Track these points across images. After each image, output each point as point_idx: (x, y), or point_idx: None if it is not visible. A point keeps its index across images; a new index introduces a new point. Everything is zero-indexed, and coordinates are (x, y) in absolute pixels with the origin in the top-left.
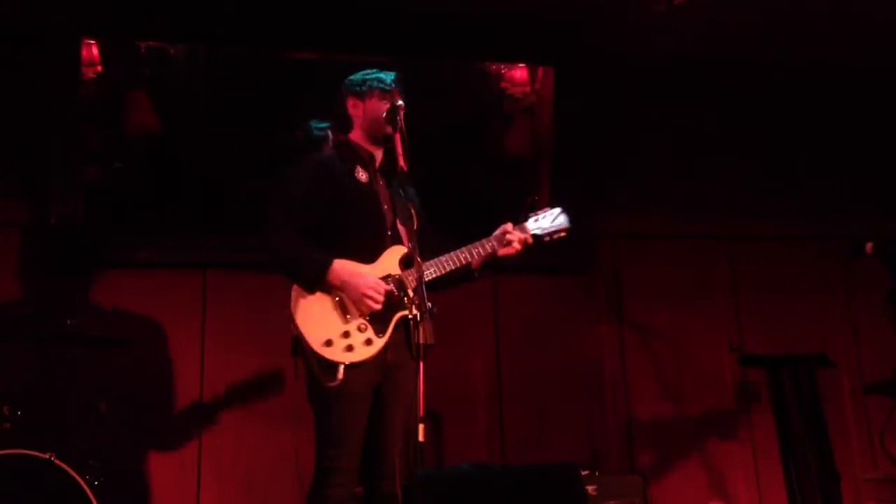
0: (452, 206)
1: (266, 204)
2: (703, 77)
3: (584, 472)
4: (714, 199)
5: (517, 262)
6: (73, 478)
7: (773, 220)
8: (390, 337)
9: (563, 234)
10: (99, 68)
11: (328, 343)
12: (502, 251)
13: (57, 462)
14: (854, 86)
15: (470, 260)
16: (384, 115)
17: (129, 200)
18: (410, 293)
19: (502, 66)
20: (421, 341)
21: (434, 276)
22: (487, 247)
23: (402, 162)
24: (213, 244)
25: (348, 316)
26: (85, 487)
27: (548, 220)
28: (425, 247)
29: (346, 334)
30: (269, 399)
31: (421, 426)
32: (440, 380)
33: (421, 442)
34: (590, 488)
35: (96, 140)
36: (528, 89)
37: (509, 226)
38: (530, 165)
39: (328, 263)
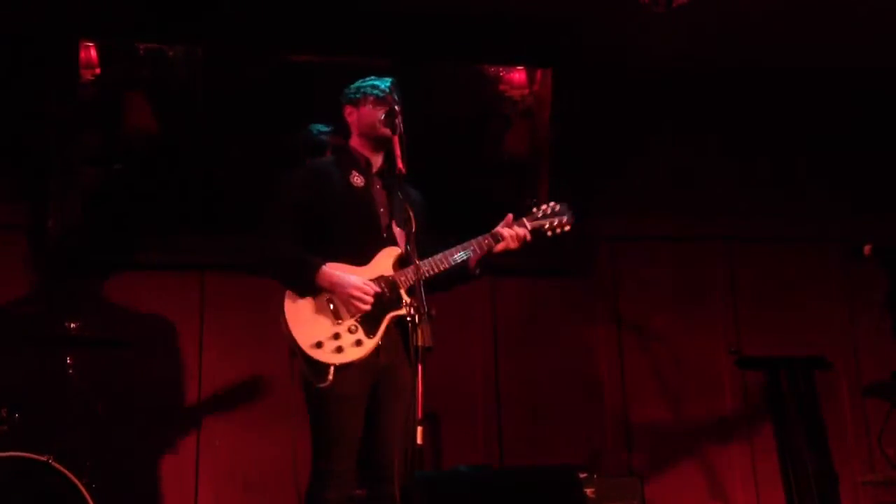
0: (451, 208)
1: (260, 208)
2: (702, 78)
3: (582, 475)
4: (713, 202)
5: (517, 263)
6: (70, 480)
7: (772, 223)
8: (383, 338)
9: (566, 227)
10: (97, 70)
11: (318, 345)
12: (499, 247)
13: (55, 464)
14: (854, 88)
15: (467, 256)
16: (379, 119)
17: (128, 202)
18: (403, 294)
19: (501, 68)
20: (419, 344)
21: (429, 274)
22: (484, 243)
23: (400, 164)
24: (211, 246)
25: (339, 318)
26: (83, 490)
27: (550, 214)
28: (424, 250)
29: (337, 336)
30: (266, 399)
31: (419, 428)
32: (438, 382)
33: (419, 444)
34: (588, 490)
35: (95, 142)
36: (526, 91)
37: (510, 218)
38: (529, 167)
39: (317, 266)
